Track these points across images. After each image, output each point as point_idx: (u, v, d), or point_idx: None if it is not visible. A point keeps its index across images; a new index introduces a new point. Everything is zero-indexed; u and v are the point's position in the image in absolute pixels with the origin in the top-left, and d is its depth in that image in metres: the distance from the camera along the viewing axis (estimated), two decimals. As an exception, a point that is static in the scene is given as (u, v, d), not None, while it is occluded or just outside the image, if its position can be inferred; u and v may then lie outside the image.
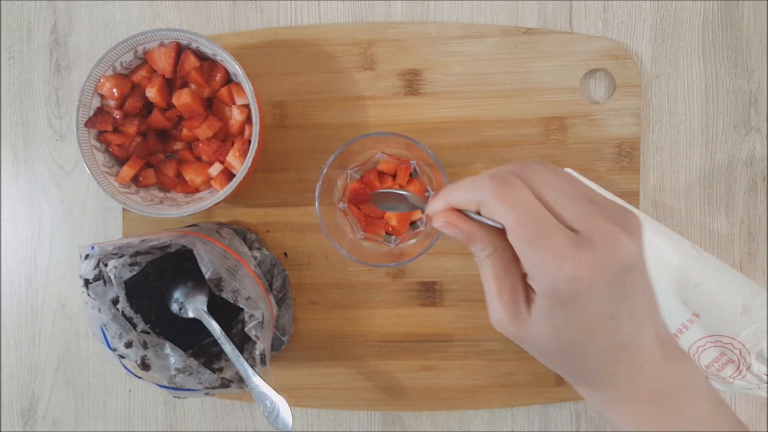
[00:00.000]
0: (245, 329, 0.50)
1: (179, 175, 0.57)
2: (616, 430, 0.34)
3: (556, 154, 0.58)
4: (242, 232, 0.58)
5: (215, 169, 0.56)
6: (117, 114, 0.54)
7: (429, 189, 0.56)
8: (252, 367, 0.50)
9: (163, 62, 0.54)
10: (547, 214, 0.30)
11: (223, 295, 0.49)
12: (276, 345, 0.58)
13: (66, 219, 0.63)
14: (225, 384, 0.50)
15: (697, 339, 0.52)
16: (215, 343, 0.56)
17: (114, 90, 0.53)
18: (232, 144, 0.55)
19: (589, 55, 0.58)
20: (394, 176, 0.56)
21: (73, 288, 0.63)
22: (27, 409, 0.63)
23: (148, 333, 0.52)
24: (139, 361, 0.49)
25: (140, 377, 0.50)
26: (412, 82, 0.59)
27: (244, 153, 0.54)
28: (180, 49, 0.54)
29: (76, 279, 0.63)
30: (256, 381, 0.49)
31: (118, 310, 0.50)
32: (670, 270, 0.52)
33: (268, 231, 0.60)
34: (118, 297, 0.50)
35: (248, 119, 0.55)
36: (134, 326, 0.51)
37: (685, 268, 0.52)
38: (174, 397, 0.53)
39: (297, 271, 0.60)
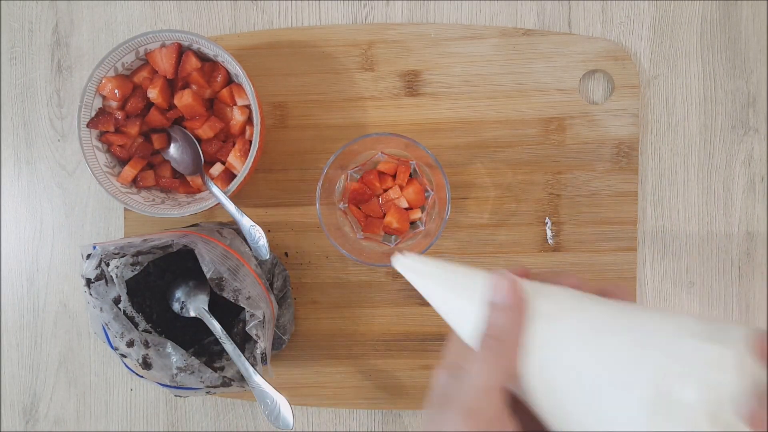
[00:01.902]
0: (246, 328, 0.50)
1: (178, 175, 0.57)
2: None
3: (554, 155, 0.59)
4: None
5: (216, 170, 0.56)
6: (119, 115, 0.54)
7: (429, 189, 0.57)
8: (253, 366, 0.50)
9: (165, 63, 0.54)
10: None
11: (224, 294, 0.49)
12: (277, 344, 0.59)
13: (68, 219, 0.63)
14: (226, 383, 0.50)
15: None
16: (216, 342, 0.56)
17: (115, 91, 0.53)
18: (233, 144, 0.56)
19: (588, 55, 0.58)
20: (394, 176, 0.56)
21: (75, 287, 0.63)
22: (29, 408, 0.63)
23: (150, 332, 0.52)
24: (140, 360, 0.49)
25: (142, 376, 0.51)
26: (411, 83, 0.59)
27: (245, 153, 0.55)
28: (181, 50, 0.55)
29: (78, 278, 0.63)
30: (257, 380, 0.49)
31: (119, 309, 0.50)
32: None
33: (268, 231, 0.61)
34: (119, 296, 0.50)
35: (249, 120, 0.56)
36: (136, 325, 0.52)
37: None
38: (175, 395, 0.53)
39: (297, 271, 0.61)
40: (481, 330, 0.27)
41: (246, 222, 0.53)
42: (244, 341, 0.53)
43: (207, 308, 0.53)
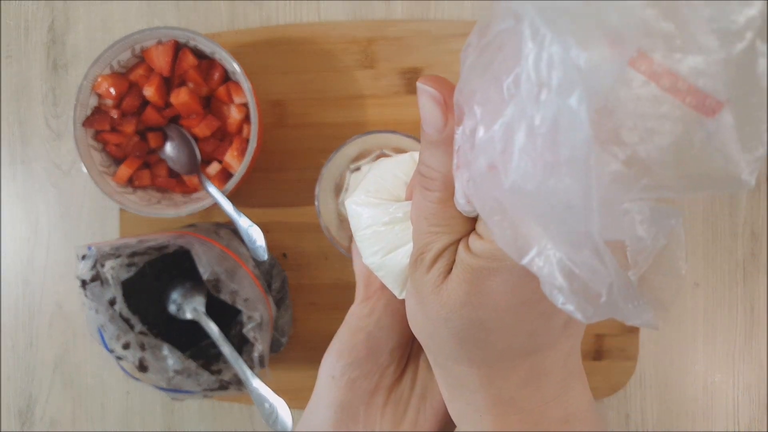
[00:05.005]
0: (244, 331, 0.49)
1: (174, 174, 0.57)
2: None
3: (557, 154, 0.58)
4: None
5: (213, 169, 0.55)
6: (114, 113, 0.54)
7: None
8: (251, 368, 0.49)
9: (161, 61, 0.53)
10: None
11: (221, 296, 0.48)
12: (275, 346, 0.58)
13: (63, 219, 0.62)
14: (223, 386, 0.50)
15: None
16: (214, 344, 0.55)
17: (111, 89, 0.53)
18: (231, 143, 0.55)
19: (591, 53, 0.58)
20: (394, 176, 0.56)
21: (71, 289, 0.62)
22: (24, 410, 0.63)
23: (146, 334, 0.51)
24: (136, 363, 0.49)
25: (138, 379, 0.50)
26: (412, 81, 0.59)
27: (242, 152, 0.54)
28: (178, 48, 0.54)
29: (74, 280, 0.62)
30: (255, 383, 0.49)
31: (115, 311, 0.49)
32: None
33: (266, 231, 0.60)
34: (115, 298, 0.50)
35: (247, 118, 0.55)
36: (132, 327, 0.51)
37: None
38: (172, 398, 0.53)
39: (296, 272, 0.60)
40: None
41: (243, 222, 0.53)
42: (241, 344, 0.52)
43: (204, 310, 0.52)
